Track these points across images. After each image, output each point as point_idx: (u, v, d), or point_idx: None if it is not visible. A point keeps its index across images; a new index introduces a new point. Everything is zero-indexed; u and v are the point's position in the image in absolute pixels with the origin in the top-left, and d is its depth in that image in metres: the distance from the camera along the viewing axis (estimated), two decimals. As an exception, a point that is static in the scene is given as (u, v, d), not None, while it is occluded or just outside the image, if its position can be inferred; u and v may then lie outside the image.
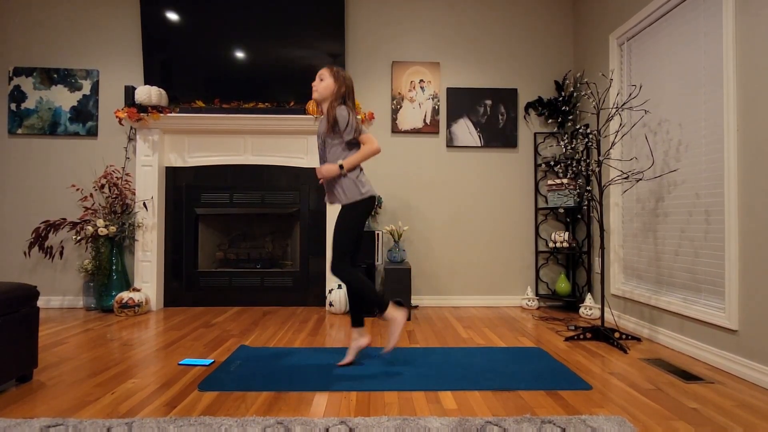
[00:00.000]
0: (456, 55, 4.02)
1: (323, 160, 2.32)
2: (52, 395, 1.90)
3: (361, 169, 2.27)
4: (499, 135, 3.98)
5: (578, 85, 3.86)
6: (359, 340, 2.31)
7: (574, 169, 3.63)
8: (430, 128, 3.97)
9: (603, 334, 2.75)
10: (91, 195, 3.82)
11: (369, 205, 2.24)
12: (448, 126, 3.98)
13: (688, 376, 2.16)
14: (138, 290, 3.56)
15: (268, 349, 2.57)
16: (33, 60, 3.88)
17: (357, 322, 2.33)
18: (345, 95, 2.25)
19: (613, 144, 2.92)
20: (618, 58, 3.29)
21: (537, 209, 3.97)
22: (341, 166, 2.17)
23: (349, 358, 2.30)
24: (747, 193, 2.17)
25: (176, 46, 3.79)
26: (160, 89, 3.71)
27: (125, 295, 3.48)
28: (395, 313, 2.20)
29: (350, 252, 2.22)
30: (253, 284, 3.85)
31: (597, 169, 2.87)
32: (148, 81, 3.78)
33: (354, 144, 2.23)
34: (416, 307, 3.87)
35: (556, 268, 4.00)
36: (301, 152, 3.86)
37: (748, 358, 2.15)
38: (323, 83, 2.24)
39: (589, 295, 3.56)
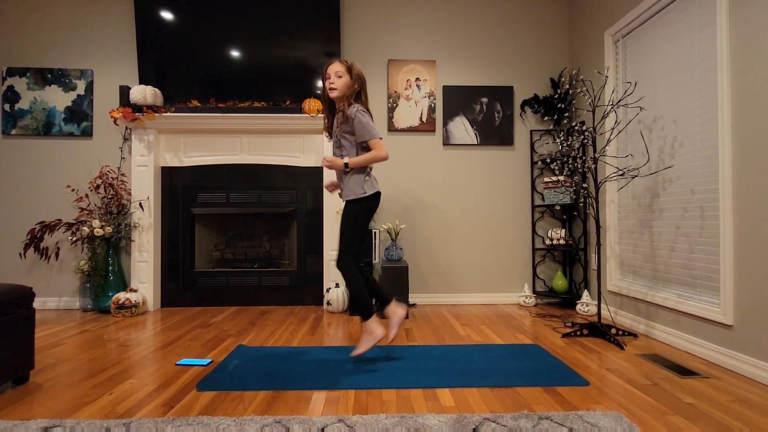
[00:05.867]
0: (452, 53, 4.02)
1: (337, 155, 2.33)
2: (50, 396, 1.90)
3: (369, 170, 2.29)
4: (495, 133, 3.99)
5: (574, 82, 3.87)
6: (376, 331, 2.23)
7: (570, 166, 3.64)
8: (426, 126, 3.98)
9: (600, 331, 2.76)
10: (87, 195, 3.80)
11: (372, 202, 2.28)
12: (445, 124, 3.98)
13: (684, 371, 2.18)
14: (135, 291, 3.55)
15: (265, 349, 2.57)
16: (26, 60, 3.85)
17: (366, 316, 2.25)
18: (359, 91, 2.25)
19: (609, 141, 2.93)
20: (613, 55, 3.30)
21: (534, 206, 3.98)
22: (346, 164, 2.21)
23: (362, 349, 2.23)
24: (741, 189, 2.19)
25: (171, 46, 3.77)
26: (155, 89, 3.69)
27: (122, 296, 3.46)
28: (395, 308, 2.31)
29: (356, 248, 2.25)
30: (251, 284, 3.85)
31: (593, 166, 2.88)
32: (142, 81, 3.76)
33: (367, 146, 2.25)
34: (414, 305, 3.87)
35: (552, 265, 4.01)
36: (298, 151, 3.86)
37: (744, 352, 2.16)
38: (342, 80, 2.23)
39: (585, 292, 3.58)
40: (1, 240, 3.81)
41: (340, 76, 2.23)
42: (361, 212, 2.25)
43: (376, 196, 2.29)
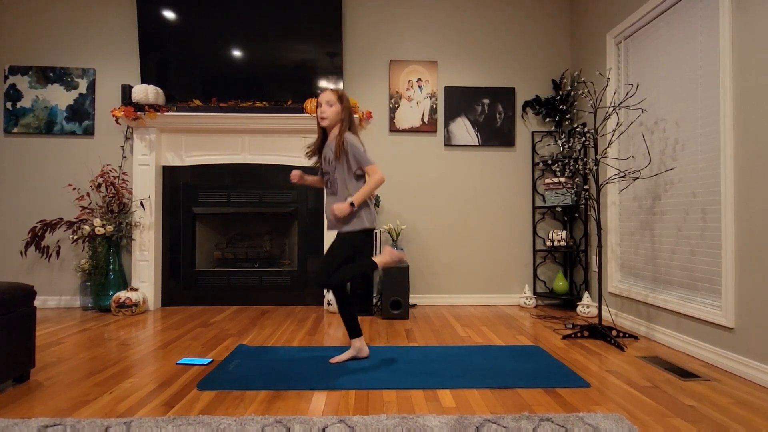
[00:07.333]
0: (453, 54, 4.02)
1: (330, 184, 2.32)
2: (50, 395, 1.90)
3: (370, 200, 2.31)
4: (496, 134, 3.99)
5: (575, 83, 3.87)
6: (362, 350, 2.36)
7: (572, 167, 3.64)
8: (427, 127, 3.98)
9: (600, 332, 2.76)
10: (88, 194, 3.81)
11: (369, 235, 2.31)
12: (446, 125, 3.98)
13: (685, 374, 2.18)
14: (135, 290, 3.55)
15: (266, 348, 2.57)
16: (28, 59, 3.85)
17: (355, 333, 2.35)
18: (350, 119, 2.28)
19: (611, 143, 2.93)
20: (615, 56, 3.30)
21: (535, 208, 3.98)
22: (352, 204, 2.18)
23: (344, 357, 2.34)
24: (743, 191, 2.18)
25: (173, 45, 3.78)
26: (157, 88, 3.69)
27: (123, 295, 3.47)
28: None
29: (337, 269, 2.24)
30: (251, 283, 3.85)
31: (594, 168, 2.88)
32: (144, 80, 3.76)
33: (360, 173, 2.27)
34: (414, 305, 3.87)
35: (553, 266, 4.01)
36: (299, 151, 3.86)
37: (745, 355, 2.16)
38: (333, 109, 2.24)
39: (586, 294, 3.58)
40: (2, 238, 3.82)
41: (331, 105, 2.25)
42: (355, 242, 2.26)
43: (372, 230, 2.31)
